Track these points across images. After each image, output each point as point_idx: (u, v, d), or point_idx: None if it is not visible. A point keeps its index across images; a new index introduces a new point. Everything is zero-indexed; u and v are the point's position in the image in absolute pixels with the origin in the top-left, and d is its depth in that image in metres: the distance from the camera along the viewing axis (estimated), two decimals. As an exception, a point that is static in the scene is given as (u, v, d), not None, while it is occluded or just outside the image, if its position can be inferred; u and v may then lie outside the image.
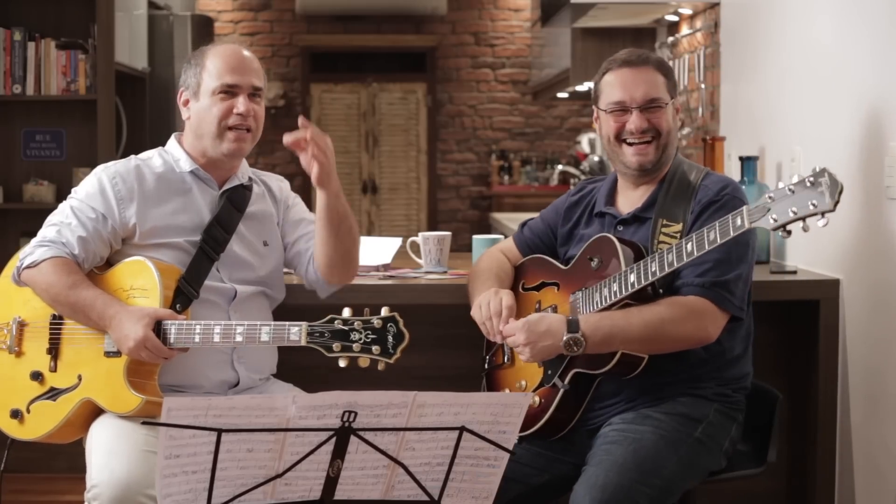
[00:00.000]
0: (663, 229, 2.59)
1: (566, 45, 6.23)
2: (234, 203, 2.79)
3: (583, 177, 6.37)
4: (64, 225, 2.70)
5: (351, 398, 1.87)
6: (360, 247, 3.52)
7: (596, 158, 6.37)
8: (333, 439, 1.89)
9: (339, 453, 1.91)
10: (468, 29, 9.76)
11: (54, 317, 2.72)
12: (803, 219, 2.22)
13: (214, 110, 2.72)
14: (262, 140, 2.91)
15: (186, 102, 2.77)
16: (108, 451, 2.55)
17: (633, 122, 2.66)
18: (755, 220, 2.28)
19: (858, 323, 3.10)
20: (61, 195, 4.97)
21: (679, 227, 2.59)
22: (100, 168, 2.77)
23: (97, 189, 2.72)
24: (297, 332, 2.55)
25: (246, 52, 2.78)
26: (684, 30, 5.11)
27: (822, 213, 2.20)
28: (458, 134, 9.84)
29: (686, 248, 2.40)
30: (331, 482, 1.93)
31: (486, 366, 2.86)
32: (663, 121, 2.67)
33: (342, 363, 2.52)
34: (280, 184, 2.96)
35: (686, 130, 4.96)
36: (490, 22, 9.75)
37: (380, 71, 9.79)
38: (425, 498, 1.98)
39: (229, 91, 2.72)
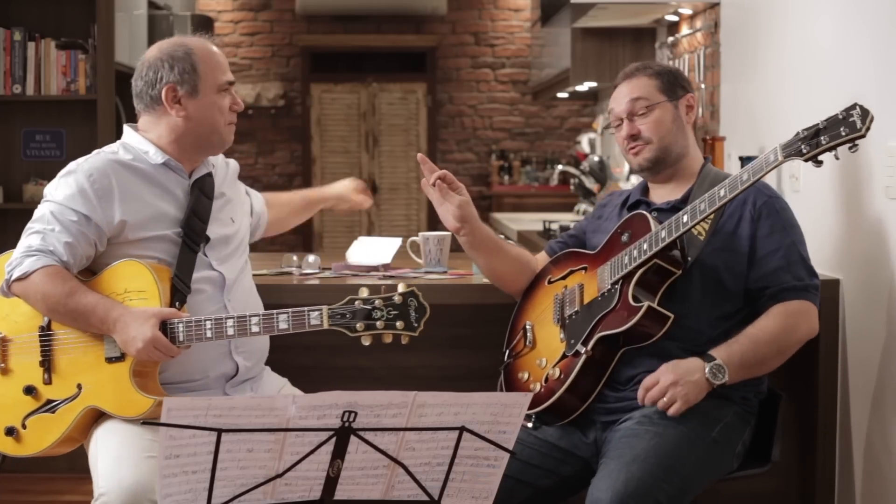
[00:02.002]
0: None
1: (566, 45, 6.23)
2: (203, 192, 2.79)
3: (583, 177, 6.38)
4: (47, 231, 2.65)
5: (351, 398, 1.87)
6: (360, 247, 3.55)
7: (596, 158, 6.37)
8: (333, 439, 1.89)
9: (339, 453, 1.91)
10: (468, 29, 9.76)
11: (42, 328, 2.68)
12: (835, 147, 2.34)
13: (221, 106, 2.75)
14: (262, 140, 2.94)
15: (178, 100, 2.73)
16: (116, 458, 2.53)
17: (623, 130, 2.79)
18: (789, 153, 2.38)
19: (858, 323, 3.10)
20: (61, 195, 4.96)
21: (713, 215, 2.62)
22: (71, 166, 2.72)
23: (75, 190, 2.66)
24: (317, 317, 2.56)
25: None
26: (684, 30, 5.11)
27: (854, 140, 2.32)
28: (458, 134, 9.84)
29: (719, 193, 2.48)
30: (331, 482, 1.93)
31: (505, 359, 2.85)
32: (652, 123, 2.75)
33: (366, 342, 2.55)
34: (229, 161, 3.00)
35: (686, 130, 4.96)
36: (490, 22, 9.75)
37: (380, 71, 9.79)
38: (425, 498, 1.98)
39: (227, 88, 2.77)
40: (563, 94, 7.60)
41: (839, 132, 2.33)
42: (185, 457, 1.85)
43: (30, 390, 2.67)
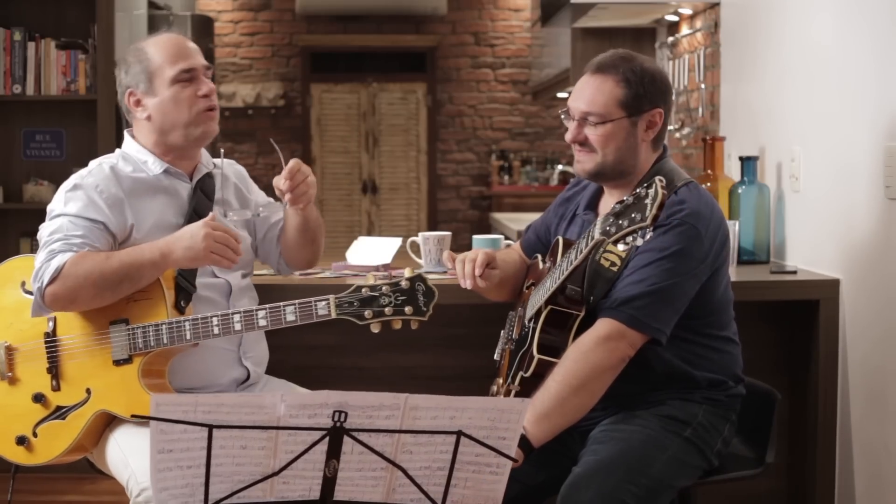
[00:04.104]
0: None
1: (566, 45, 6.23)
2: (204, 192, 2.77)
3: (583, 177, 6.38)
4: (67, 237, 2.61)
5: (341, 398, 1.86)
6: (360, 247, 3.54)
7: (596, 158, 6.38)
8: (327, 439, 1.88)
9: (333, 453, 1.90)
10: (468, 29, 9.76)
11: (48, 334, 2.66)
12: (628, 234, 2.22)
13: (182, 98, 2.68)
14: (262, 140, 2.91)
15: (139, 102, 2.71)
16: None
17: (569, 132, 2.62)
18: (601, 232, 2.28)
19: (858, 323, 3.09)
20: (61, 195, 4.95)
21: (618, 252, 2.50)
22: (76, 180, 2.68)
23: (86, 202, 2.63)
24: (324, 307, 2.53)
25: (182, 36, 2.76)
26: (684, 30, 5.11)
27: (641, 229, 2.19)
28: (458, 134, 9.83)
29: (570, 256, 2.42)
30: (328, 482, 1.93)
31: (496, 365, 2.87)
32: (600, 137, 2.56)
33: (375, 329, 2.53)
34: (234, 167, 2.94)
35: (686, 130, 4.96)
36: (490, 22, 9.74)
37: (380, 71, 9.79)
38: (428, 502, 1.97)
39: (187, 77, 2.69)
40: (563, 94, 7.59)
41: (633, 217, 2.20)
42: (178, 451, 1.85)
43: (39, 398, 2.66)
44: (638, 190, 2.22)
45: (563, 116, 2.65)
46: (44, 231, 2.65)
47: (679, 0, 4.75)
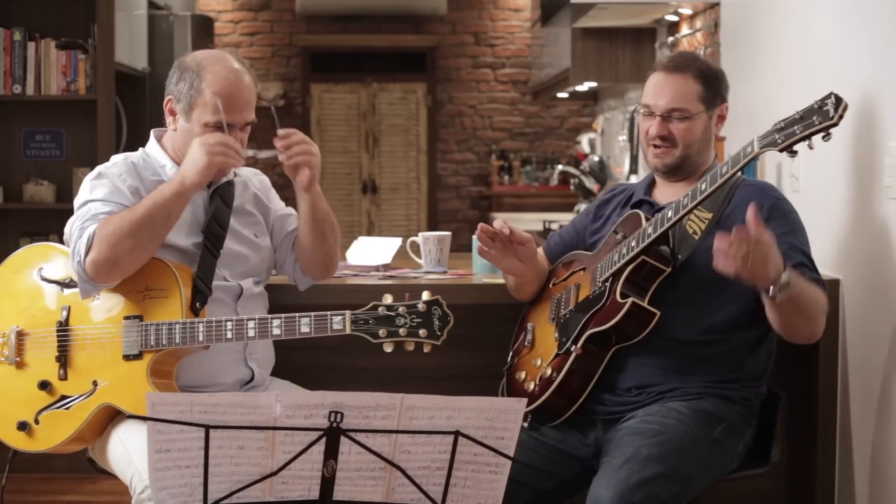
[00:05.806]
0: (697, 212, 2.61)
1: (566, 45, 6.23)
2: (223, 199, 2.78)
3: (583, 177, 6.37)
4: (96, 215, 2.61)
5: (336, 398, 1.87)
6: (360, 246, 3.54)
7: (596, 158, 6.37)
8: (324, 439, 1.88)
9: (331, 453, 1.90)
10: (468, 29, 9.76)
11: (60, 324, 2.67)
12: (808, 136, 2.32)
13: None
14: (262, 140, 2.91)
15: (173, 112, 2.74)
16: None
17: (654, 127, 2.73)
18: (764, 144, 2.37)
19: (858, 323, 3.09)
20: (61, 195, 4.96)
21: (710, 215, 2.60)
22: (100, 170, 2.72)
23: (112, 188, 2.67)
24: (340, 321, 2.55)
25: (246, 80, 2.72)
26: (684, 30, 5.11)
27: (827, 129, 2.30)
28: (458, 134, 9.83)
29: (700, 187, 2.48)
30: (327, 482, 1.93)
31: (509, 360, 2.85)
32: (684, 131, 2.70)
33: (388, 349, 2.55)
34: (258, 177, 2.97)
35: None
36: (490, 22, 9.74)
37: (380, 71, 9.79)
38: (428, 502, 1.97)
39: (219, 128, 2.68)
40: (563, 94, 7.60)
41: (812, 121, 2.31)
42: (175, 451, 1.86)
43: (44, 385, 2.66)
44: (807, 105, 2.35)
45: (640, 114, 2.77)
46: (75, 221, 2.66)
47: (679, 0, 4.75)
